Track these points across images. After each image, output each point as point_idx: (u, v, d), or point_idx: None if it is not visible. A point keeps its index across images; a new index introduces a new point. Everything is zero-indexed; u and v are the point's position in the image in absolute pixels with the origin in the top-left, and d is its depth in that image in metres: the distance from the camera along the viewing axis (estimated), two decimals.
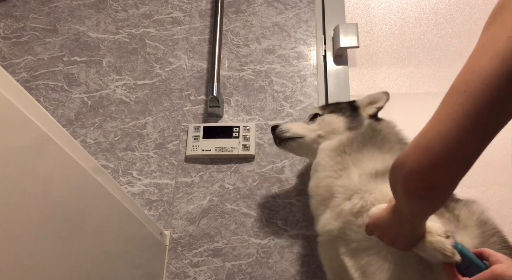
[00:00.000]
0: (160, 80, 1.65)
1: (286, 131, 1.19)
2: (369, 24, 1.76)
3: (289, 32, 1.70)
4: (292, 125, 1.20)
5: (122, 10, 1.79)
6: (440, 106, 0.57)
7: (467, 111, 0.53)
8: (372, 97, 1.20)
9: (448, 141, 0.54)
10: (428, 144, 0.56)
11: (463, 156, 0.55)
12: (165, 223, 1.42)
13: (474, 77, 0.53)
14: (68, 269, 0.77)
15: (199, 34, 1.72)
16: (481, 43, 0.56)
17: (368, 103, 1.19)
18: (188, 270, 1.35)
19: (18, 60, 1.71)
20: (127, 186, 1.48)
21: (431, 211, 0.67)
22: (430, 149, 0.56)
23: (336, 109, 1.18)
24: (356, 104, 1.20)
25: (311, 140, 1.15)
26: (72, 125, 1.58)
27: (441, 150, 0.55)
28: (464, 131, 0.53)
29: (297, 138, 1.17)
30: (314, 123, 1.17)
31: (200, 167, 1.49)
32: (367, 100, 1.20)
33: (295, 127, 1.19)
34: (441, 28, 1.72)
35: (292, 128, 1.19)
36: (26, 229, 0.64)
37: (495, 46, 0.53)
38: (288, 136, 1.18)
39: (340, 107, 1.18)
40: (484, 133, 0.54)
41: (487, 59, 0.53)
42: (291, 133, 1.18)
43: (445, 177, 0.56)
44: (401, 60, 1.70)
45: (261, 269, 1.34)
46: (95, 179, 0.84)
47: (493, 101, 0.52)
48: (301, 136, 1.17)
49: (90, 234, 0.85)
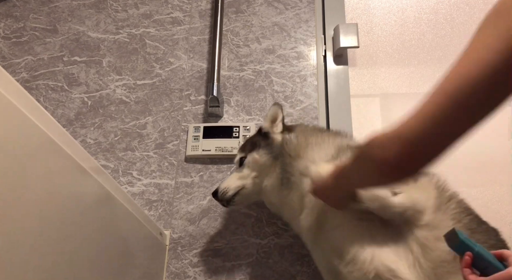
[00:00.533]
0: (160, 80, 1.65)
1: (227, 191, 1.18)
2: (369, 24, 1.76)
3: (289, 32, 1.70)
4: (229, 182, 1.20)
5: (122, 10, 1.79)
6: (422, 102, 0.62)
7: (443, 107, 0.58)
8: (270, 116, 1.23)
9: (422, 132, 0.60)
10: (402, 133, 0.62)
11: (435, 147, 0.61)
12: (165, 223, 1.42)
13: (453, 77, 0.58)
14: (68, 269, 0.77)
15: (199, 34, 1.72)
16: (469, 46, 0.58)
17: (271, 123, 1.22)
18: (188, 270, 1.35)
19: (18, 60, 1.71)
20: (127, 186, 1.48)
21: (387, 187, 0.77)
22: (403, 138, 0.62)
23: (253, 146, 1.20)
24: (264, 131, 1.22)
25: (251, 186, 1.18)
26: (72, 125, 1.58)
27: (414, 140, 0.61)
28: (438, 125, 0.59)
29: (240, 190, 1.18)
30: (244, 168, 1.19)
31: (200, 167, 1.49)
32: (269, 121, 1.23)
33: (231, 182, 1.19)
34: (441, 28, 1.72)
35: (230, 184, 1.19)
36: (26, 229, 0.64)
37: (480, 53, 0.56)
38: (232, 194, 1.18)
39: (254, 142, 1.20)
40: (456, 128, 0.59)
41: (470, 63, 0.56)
42: (232, 189, 1.18)
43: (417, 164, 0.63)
44: (401, 60, 1.70)
45: (261, 269, 1.34)
46: (95, 179, 0.84)
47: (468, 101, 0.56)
48: (241, 187, 1.18)
49: (90, 234, 0.85)
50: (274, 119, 1.23)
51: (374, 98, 1.66)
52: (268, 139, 1.19)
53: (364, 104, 1.64)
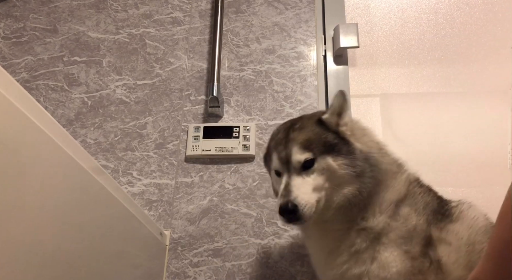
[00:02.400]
0: (160, 80, 1.65)
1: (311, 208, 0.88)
2: (369, 24, 1.76)
3: (289, 32, 1.70)
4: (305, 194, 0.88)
5: (122, 10, 1.79)
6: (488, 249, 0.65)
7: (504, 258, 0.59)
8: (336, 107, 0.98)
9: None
10: None
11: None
12: (165, 223, 1.42)
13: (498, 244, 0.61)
14: (68, 269, 0.77)
15: (199, 34, 1.72)
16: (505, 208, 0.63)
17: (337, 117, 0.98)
18: (188, 270, 1.35)
19: (18, 60, 1.71)
20: (127, 186, 1.48)
21: None
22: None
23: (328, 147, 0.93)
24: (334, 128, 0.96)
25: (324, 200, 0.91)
26: (72, 125, 1.58)
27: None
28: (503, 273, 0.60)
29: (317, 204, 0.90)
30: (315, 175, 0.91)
31: (200, 167, 1.49)
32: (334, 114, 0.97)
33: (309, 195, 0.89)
34: (441, 28, 1.72)
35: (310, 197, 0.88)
36: (26, 229, 0.64)
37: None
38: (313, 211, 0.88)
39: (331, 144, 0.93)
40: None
41: None
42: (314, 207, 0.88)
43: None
44: (401, 60, 1.70)
45: (261, 269, 1.34)
46: (95, 179, 0.84)
47: None
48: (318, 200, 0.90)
49: (90, 234, 0.85)
50: (339, 113, 0.98)
51: (374, 98, 1.66)
52: (349, 145, 0.93)
53: (364, 104, 1.64)
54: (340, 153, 0.91)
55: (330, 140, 0.93)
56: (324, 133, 0.95)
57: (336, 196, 0.91)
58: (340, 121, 0.97)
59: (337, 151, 0.92)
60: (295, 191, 0.88)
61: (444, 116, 1.57)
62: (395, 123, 1.59)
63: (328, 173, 0.90)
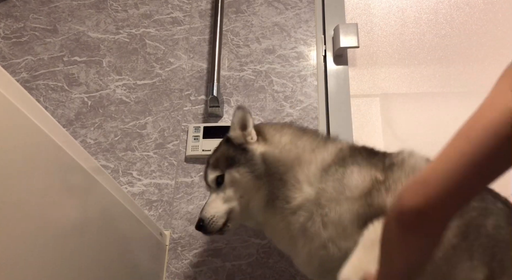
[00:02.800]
0: (160, 80, 1.65)
1: (217, 219, 1.01)
2: (369, 24, 1.76)
3: (289, 32, 1.70)
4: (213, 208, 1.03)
5: (122, 10, 1.79)
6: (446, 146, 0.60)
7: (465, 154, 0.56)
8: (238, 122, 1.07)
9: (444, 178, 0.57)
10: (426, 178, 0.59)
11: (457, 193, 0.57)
12: (165, 223, 1.42)
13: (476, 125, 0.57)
14: (68, 269, 0.77)
15: (199, 34, 1.72)
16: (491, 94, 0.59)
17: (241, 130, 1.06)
18: (188, 270, 1.35)
19: (18, 60, 1.71)
20: (127, 186, 1.48)
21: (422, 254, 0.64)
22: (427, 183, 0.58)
23: (230, 162, 1.03)
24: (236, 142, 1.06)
25: (239, 208, 1.02)
26: (72, 125, 1.58)
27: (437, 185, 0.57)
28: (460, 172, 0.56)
29: (230, 215, 1.02)
30: (226, 189, 1.03)
31: (200, 167, 1.49)
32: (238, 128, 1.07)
33: (217, 207, 1.02)
34: (441, 28, 1.72)
35: (216, 210, 1.02)
36: (26, 229, 0.64)
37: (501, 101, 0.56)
38: (223, 222, 1.01)
39: (231, 157, 1.04)
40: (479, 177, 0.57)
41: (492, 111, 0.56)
42: (222, 217, 1.01)
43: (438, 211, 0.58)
44: (401, 60, 1.70)
45: (261, 269, 1.34)
46: (95, 179, 0.84)
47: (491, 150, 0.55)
48: (230, 210, 1.02)
49: (90, 234, 0.85)
50: (243, 126, 1.07)
51: (374, 98, 1.66)
52: (247, 154, 1.02)
53: (364, 104, 1.64)
54: (240, 163, 1.01)
55: (231, 154, 1.04)
56: (228, 149, 1.06)
57: (252, 202, 1.01)
58: (245, 133, 1.06)
59: (237, 161, 1.02)
60: (206, 207, 1.03)
61: (444, 116, 1.57)
62: (395, 123, 1.59)
63: (235, 184, 1.01)
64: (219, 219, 1.01)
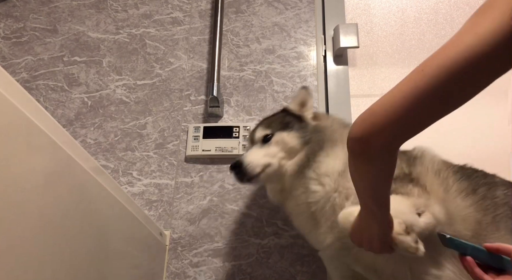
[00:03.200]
0: (160, 80, 1.65)
1: (254, 166, 1.07)
2: (369, 24, 1.76)
3: (289, 32, 1.70)
4: (254, 157, 1.09)
5: (122, 10, 1.79)
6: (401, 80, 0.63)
7: (417, 87, 0.59)
8: (299, 99, 1.20)
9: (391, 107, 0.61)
10: (375, 107, 0.63)
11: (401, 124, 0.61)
12: (165, 223, 1.42)
13: (434, 61, 0.60)
14: (68, 269, 0.77)
15: (199, 34, 1.72)
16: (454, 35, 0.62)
17: (300, 106, 1.19)
18: (188, 270, 1.35)
19: (18, 60, 1.71)
20: (127, 186, 1.48)
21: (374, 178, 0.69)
22: (374, 112, 0.63)
23: (284, 126, 1.13)
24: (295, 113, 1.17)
25: (277, 166, 1.09)
26: (72, 125, 1.58)
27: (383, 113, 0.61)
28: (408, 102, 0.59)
29: (266, 169, 1.08)
30: (271, 146, 1.10)
31: (200, 167, 1.49)
32: (297, 104, 1.19)
33: (258, 158, 1.09)
34: (441, 28, 1.72)
35: (256, 159, 1.08)
36: (26, 229, 0.64)
37: (462, 39, 0.59)
38: (258, 171, 1.07)
39: (286, 122, 1.14)
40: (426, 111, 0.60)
41: (450, 48, 0.59)
42: (259, 166, 1.07)
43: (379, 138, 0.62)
44: (401, 60, 1.70)
45: (261, 269, 1.34)
46: (95, 179, 0.84)
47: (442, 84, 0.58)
48: (267, 165, 1.08)
49: (90, 234, 0.85)
50: (303, 103, 1.19)
51: (374, 98, 1.65)
52: (302, 122, 1.14)
53: (364, 104, 1.64)
54: (293, 128, 1.12)
55: (287, 120, 1.15)
56: (284, 116, 1.18)
57: (288, 164, 1.08)
58: (303, 108, 1.19)
59: (291, 127, 1.12)
60: (246, 155, 1.10)
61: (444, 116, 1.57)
62: None
63: (282, 144, 1.10)
64: (256, 167, 1.07)
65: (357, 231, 0.80)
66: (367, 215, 0.76)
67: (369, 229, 0.77)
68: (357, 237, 0.81)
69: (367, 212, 0.75)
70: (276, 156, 1.09)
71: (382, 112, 0.61)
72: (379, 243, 0.77)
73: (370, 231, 0.77)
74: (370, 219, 0.76)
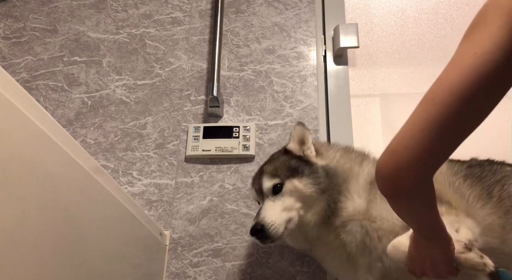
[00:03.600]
0: (160, 80, 1.65)
1: (278, 226, 0.98)
2: (369, 24, 1.76)
3: (289, 32, 1.70)
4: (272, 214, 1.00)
5: (122, 10, 1.79)
6: (412, 113, 0.62)
7: (431, 117, 0.58)
8: (297, 136, 1.13)
9: (411, 144, 0.59)
10: (394, 147, 0.61)
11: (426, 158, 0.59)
12: (165, 223, 1.42)
13: (441, 88, 0.58)
14: (68, 269, 0.77)
15: (199, 34, 1.72)
16: (453, 58, 0.60)
17: (299, 145, 1.12)
18: (188, 270, 1.35)
19: (18, 60, 1.71)
20: (127, 186, 1.48)
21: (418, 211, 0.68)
22: (395, 152, 0.61)
23: (292, 171, 1.05)
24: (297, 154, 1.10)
25: (297, 219, 1.02)
26: (72, 125, 1.58)
27: (405, 152, 0.59)
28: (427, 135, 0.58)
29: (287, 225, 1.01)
30: (284, 197, 1.02)
31: (200, 167, 1.49)
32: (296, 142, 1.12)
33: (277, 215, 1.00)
34: (441, 28, 1.72)
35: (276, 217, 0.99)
36: (26, 229, 0.64)
37: (463, 61, 0.57)
38: (283, 231, 0.99)
39: (294, 167, 1.06)
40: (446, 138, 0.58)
41: (454, 72, 0.58)
42: (282, 224, 0.99)
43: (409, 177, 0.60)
44: (401, 60, 1.70)
45: (261, 269, 1.34)
46: (95, 179, 0.84)
47: (456, 110, 0.56)
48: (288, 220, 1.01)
49: (90, 234, 0.85)
50: (302, 141, 1.13)
51: (374, 98, 1.66)
52: (311, 166, 1.05)
53: (364, 104, 1.64)
54: (303, 174, 1.03)
55: (293, 164, 1.06)
56: (289, 160, 1.08)
57: (309, 215, 1.02)
58: (304, 147, 1.11)
59: (301, 172, 1.04)
60: (263, 213, 1.00)
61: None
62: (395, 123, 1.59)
63: (296, 194, 1.01)
64: (279, 226, 0.98)
65: (417, 259, 0.75)
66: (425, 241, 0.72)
67: (430, 255, 0.72)
68: (419, 266, 0.75)
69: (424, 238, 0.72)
70: (294, 208, 1.01)
71: (403, 151, 0.60)
72: (445, 266, 0.72)
73: (432, 256, 0.72)
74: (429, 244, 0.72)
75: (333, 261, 1.05)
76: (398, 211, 0.69)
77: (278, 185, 1.04)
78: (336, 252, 1.02)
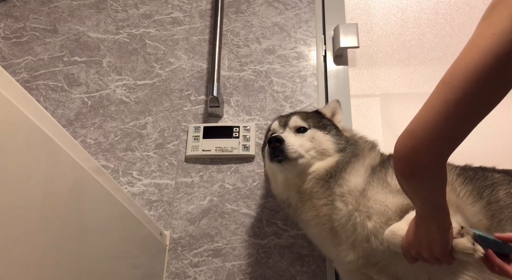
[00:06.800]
0: (160, 80, 1.65)
1: (294, 150, 1.04)
2: (369, 24, 1.76)
3: (289, 32, 1.70)
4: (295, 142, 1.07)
5: (122, 10, 1.79)
6: (429, 96, 0.63)
7: (448, 99, 0.59)
8: (332, 108, 1.24)
9: (429, 126, 0.61)
10: (412, 129, 0.64)
11: (442, 139, 0.61)
12: (165, 223, 1.42)
13: (458, 70, 0.59)
14: (68, 269, 0.77)
15: (199, 34, 1.72)
16: (471, 39, 0.60)
17: (331, 115, 1.22)
18: (188, 270, 1.35)
19: (18, 60, 1.71)
20: (127, 186, 1.48)
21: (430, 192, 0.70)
22: (413, 133, 0.63)
23: (321, 125, 1.14)
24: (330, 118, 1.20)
25: (307, 161, 1.07)
26: (72, 125, 1.58)
27: (422, 134, 0.62)
28: (444, 117, 0.60)
29: (299, 158, 1.05)
30: (304, 139, 1.09)
31: (200, 167, 1.49)
32: (330, 112, 1.22)
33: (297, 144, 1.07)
34: (441, 28, 1.72)
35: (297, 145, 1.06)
36: (26, 229, 0.64)
37: (480, 42, 0.58)
38: (295, 157, 1.05)
39: (324, 124, 1.15)
40: (463, 120, 0.60)
41: (472, 54, 0.58)
42: (297, 153, 1.05)
43: (426, 158, 0.63)
44: (401, 60, 1.70)
45: (261, 269, 1.34)
46: (95, 179, 0.84)
47: (472, 91, 0.58)
48: (302, 155, 1.06)
49: (90, 234, 0.85)
50: (333, 113, 1.23)
51: (374, 98, 1.66)
52: (338, 130, 1.15)
53: (364, 104, 1.64)
54: (330, 132, 1.13)
55: (324, 122, 1.16)
56: (321, 117, 1.19)
57: (317, 165, 1.06)
58: (333, 118, 1.22)
59: (328, 130, 1.13)
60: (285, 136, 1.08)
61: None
62: (395, 123, 1.59)
63: (316, 142, 1.09)
64: (295, 151, 1.05)
65: (414, 240, 0.77)
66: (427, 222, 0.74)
67: (428, 235, 0.74)
68: (414, 246, 0.77)
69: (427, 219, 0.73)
70: (309, 152, 1.07)
71: (420, 132, 0.62)
72: (440, 247, 0.74)
73: (430, 237, 0.74)
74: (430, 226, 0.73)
75: (314, 228, 1.05)
76: (410, 191, 0.71)
77: (302, 128, 1.12)
78: (320, 220, 1.02)
